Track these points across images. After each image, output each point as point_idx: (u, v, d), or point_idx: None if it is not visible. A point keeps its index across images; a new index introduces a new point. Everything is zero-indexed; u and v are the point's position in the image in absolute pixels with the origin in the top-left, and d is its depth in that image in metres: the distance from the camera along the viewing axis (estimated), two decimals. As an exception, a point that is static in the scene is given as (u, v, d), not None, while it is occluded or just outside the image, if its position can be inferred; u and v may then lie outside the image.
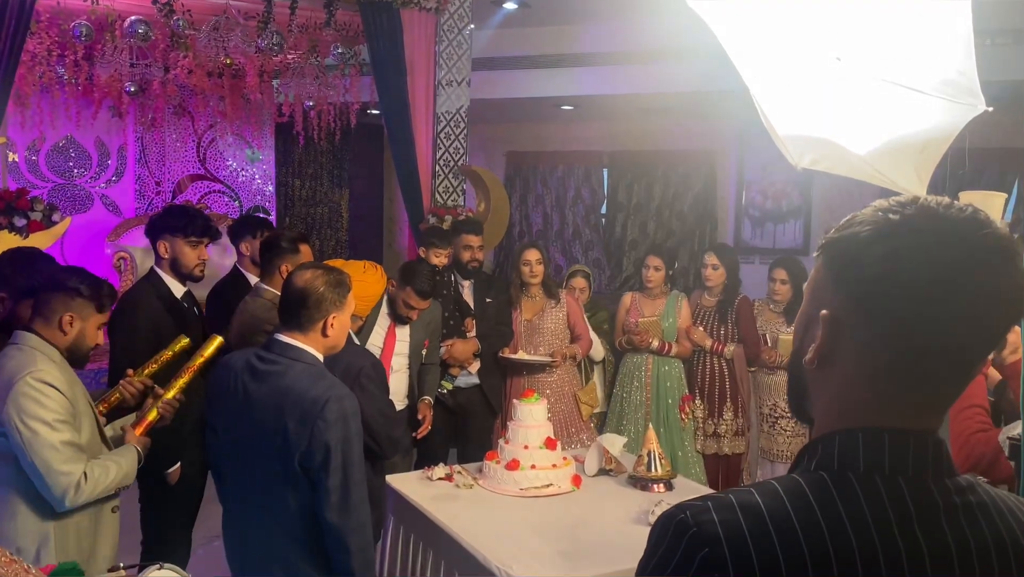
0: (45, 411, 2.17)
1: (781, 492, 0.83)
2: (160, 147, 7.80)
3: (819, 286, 0.90)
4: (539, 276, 4.24)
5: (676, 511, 0.84)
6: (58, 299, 2.32)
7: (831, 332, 0.86)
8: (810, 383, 0.91)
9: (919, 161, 1.84)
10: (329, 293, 2.21)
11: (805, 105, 1.88)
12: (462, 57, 6.42)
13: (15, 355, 2.25)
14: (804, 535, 0.79)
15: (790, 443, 4.31)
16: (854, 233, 0.86)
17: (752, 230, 9.33)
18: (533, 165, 9.82)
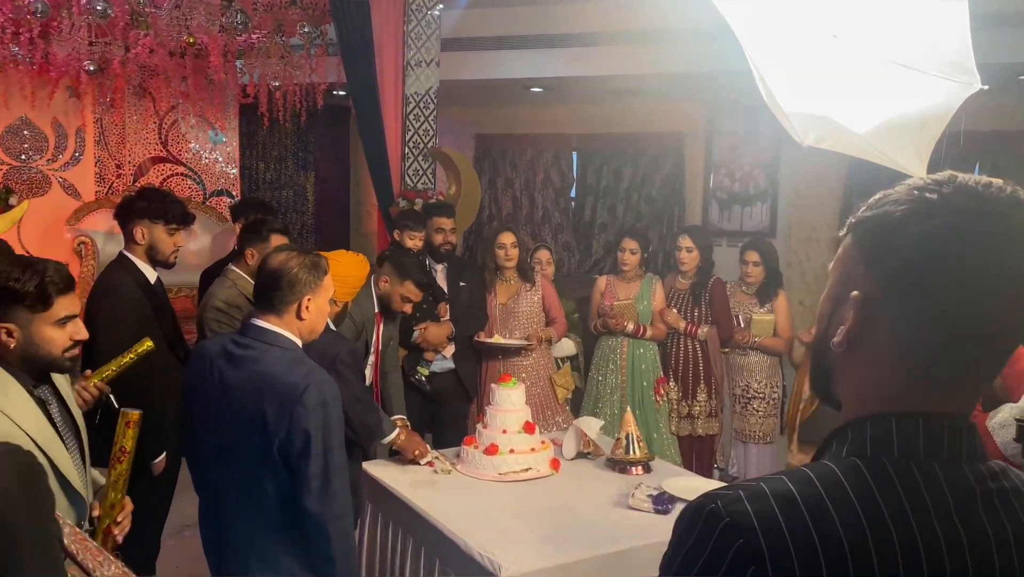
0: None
1: (815, 479, 0.80)
2: (120, 129, 7.59)
3: (849, 266, 0.88)
4: (514, 260, 4.22)
5: (705, 501, 0.81)
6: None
7: (863, 313, 0.84)
8: (837, 366, 0.89)
9: (918, 140, 1.84)
10: (303, 274, 2.15)
11: (807, 83, 1.87)
12: (431, 37, 6.33)
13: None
14: (841, 523, 0.77)
15: (762, 423, 4.35)
16: (888, 212, 0.84)
17: (720, 213, 9.38)
18: (502, 148, 9.76)
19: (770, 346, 4.31)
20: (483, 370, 4.27)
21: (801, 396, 4.22)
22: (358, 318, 3.28)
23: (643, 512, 2.79)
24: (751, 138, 9.20)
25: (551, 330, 4.25)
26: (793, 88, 1.84)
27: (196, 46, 5.96)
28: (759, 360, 4.34)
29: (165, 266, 3.16)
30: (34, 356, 1.86)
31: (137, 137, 7.69)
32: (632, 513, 2.80)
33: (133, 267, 3.11)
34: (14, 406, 1.79)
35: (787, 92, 1.82)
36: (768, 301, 4.34)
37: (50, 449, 1.81)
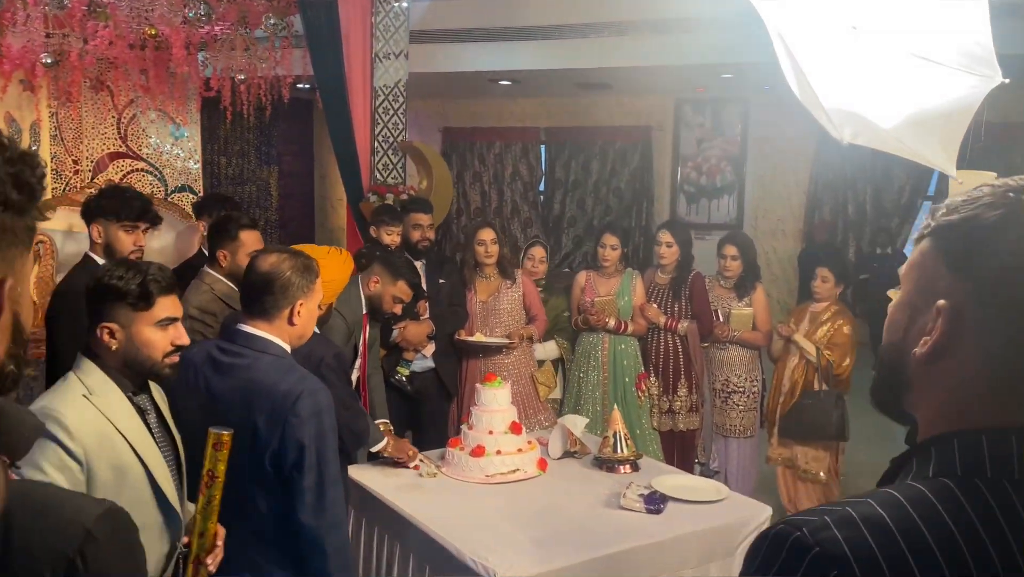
0: None
1: (905, 503, 0.76)
2: (77, 124, 7.34)
3: (929, 274, 0.83)
4: (494, 256, 4.15)
5: (788, 529, 0.76)
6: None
7: (952, 325, 0.80)
8: (917, 378, 0.84)
9: (944, 135, 1.82)
10: (296, 278, 2.06)
11: (837, 77, 1.83)
12: (399, 29, 6.23)
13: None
14: (940, 550, 0.72)
15: (743, 417, 4.35)
16: (978, 216, 0.79)
17: (687, 205, 9.43)
18: (469, 141, 9.69)
19: (749, 340, 4.31)
20: (464, 369, 4.21)
21: (781, 389, 4.23)
22: (350, 320, 3.19)
23: (635, 512, 2.76)
24: (718, 131, 9.25)
25: (532, 328, 4.20)
26: (828, 83, 1.80)
27: (157, 38, 5.79)
28: (738, 354, 4.33)
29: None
30: (135, 360, 1.83)
31: (95, 132, 7.44)
32: (624, 513, 2.76)
33: (96, 268, 2.99)
34: (113, 409, 1.78)
35: (825, 87, 1.78)
36: (746, 295, 4.33)
37: (146, 456, 1.78)
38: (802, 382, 4.12)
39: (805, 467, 4.17)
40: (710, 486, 3.02)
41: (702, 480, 3.15)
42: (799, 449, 4.17)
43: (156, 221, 3.13)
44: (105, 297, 1.82)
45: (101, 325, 1.81)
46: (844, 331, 4.06)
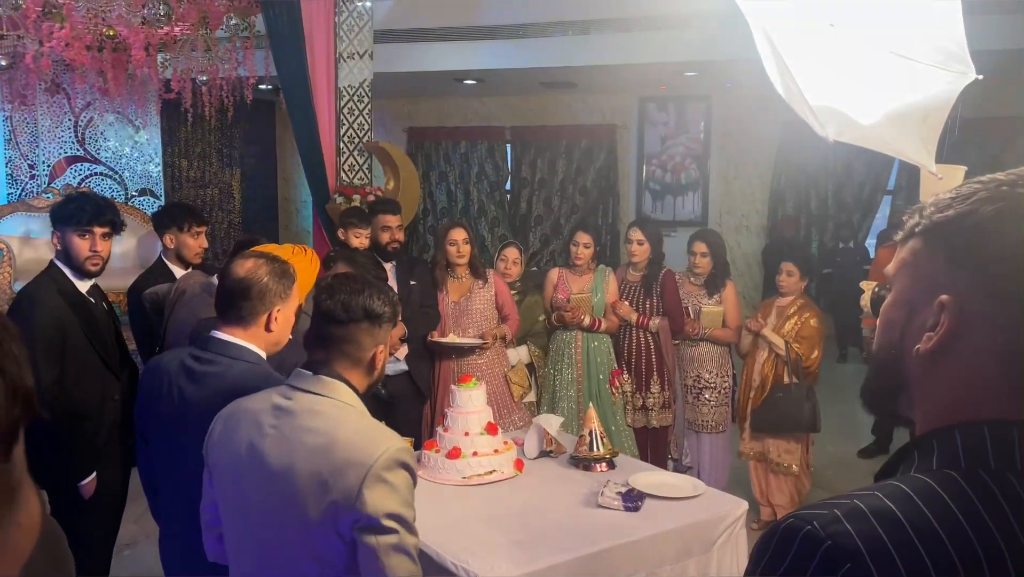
0: None
1: (913, 495, 0.77)
2: (32, 127, 7.19)
3: (924, 270, 0.85)
4: (466, 256, 4.13)
5: (799, 523, 0.76)
6: None
7: (957, 319, 0.81)
8: (915, 375, 0.86)
9: (923, 131, 1.85)
10: (273, 284, 2.03)
11: (818, 74, 1.85)
12: (363, 29, 6.18)
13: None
14: (950, 541, 0.73)
15: (714, 413, 4.39)
16: (975, 211, 0.81)
17: (653, 203, 9.49)
18: (435, 141, 9.65)
19: (720, 337, 4.35)
20: (436, 370, 4.19)
21: (752, 384, 4.27)
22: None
23: (613, 510, 2.77)
24: (681, 129, 9.33)
25: (505, 328, 4.19)
26: (811, 80, 1.81)
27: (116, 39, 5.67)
28: (709, 350, 4.37)
29: (86, 274, 2.96)
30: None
31: (51, 136, 7.30)
32: (602, 512, 2.77)
33: (61, 276, 2.93)
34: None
35: (809, 85, 1.79)
36: (716, 292, 4.37)
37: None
38: (772, 376, 4.17)
39: (777, 460, 4.22)
40: (686, 482, 3.03)
41: (678, 476, 3.16)
42: (771, 442, 4.22)
43: (115, 226, 3.03)
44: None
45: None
46: (811, 324, 4.12)
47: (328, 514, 1.57)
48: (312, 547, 1.60)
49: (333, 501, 1.56)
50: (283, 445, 1.65)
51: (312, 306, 1.82)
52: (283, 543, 1.64)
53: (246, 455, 1.70)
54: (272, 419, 1.69)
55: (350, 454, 1.59)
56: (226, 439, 1.75)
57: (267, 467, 1.65)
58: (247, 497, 1.69)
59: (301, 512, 1.59)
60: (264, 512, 1.66)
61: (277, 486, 1.63)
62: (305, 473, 1.60)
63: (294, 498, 1.60)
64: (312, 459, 1.60)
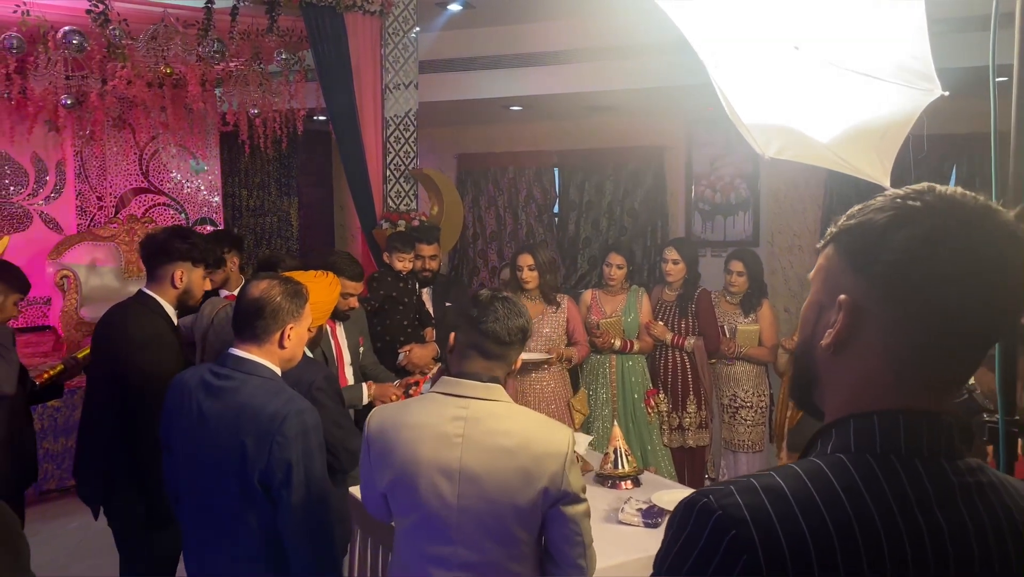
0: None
1: (802, 474, 0.84)
2: (100, 161, 7.58)
3: (832, 273, 0.92)
4: (532, 282, 4.14)
5: (698, 496, 0.85)
6: None
7: (851, 317, 0.88)
8: (822, 370, 0.93)
9: (880, 148, 1.86)
10: (286, 303, 2.15)
11: (767, 93, 1.89)
12: (408, 60, 6.37)
13: None
14: (829, 514, 0.80)
15: (751, 432, 4.36)
16: (872, 219, 0.88)
17: (703, 223, 9.43)
18: (483, 167, 9.80)
19: (755, 355, 4.33)
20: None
21: (788, 404, 4.23)
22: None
23: (633, 526, 2.79)
24: (730, 149, 9.27)
25: (572, 349, 4.19)
26: (752, 99, 1.86)
27: (174, 76, 5.98)
28: (745, 369, 4.35)
29: (189, 310, 3.10)
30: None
31: (118, 169, 7.67)
32: (622, 528, 2.79)
33: (160, 309, 2.93)
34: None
35: (746, 103, 1.84)
36: (752, 311, 4.35)
37: None
38: (808, 396, 4.12)
39: (815, 481, 4.15)
40: (709, 500, 3.03)
41: (702, 494, 3.16)
42: (808, 463, 4.16)
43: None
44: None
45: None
46: (849, 344, 4.06)
47: (537, 498, 1.83)
48: (523, 525, 1.86)
49: (544, 488, 1.83)
50: (478, 450, 1.86)
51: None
52: (499, 530, 1.85)
53: (440, 469, 1.85)
54: (458, 429, 1.86)
55: (546, 447, 1.85)
56: (408, 456, 1.87)
57: (470, 473, 1.85)
58: (451, 505, 1.85)
59: (512, 503, 1.83)
60: (477, 511, 1.84)
61: (483, 486, 1.83)
62: (510, 470, 1.83)
63: (504, 493, 1.83)
64: (514, 456, 1.83)
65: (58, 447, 4.92)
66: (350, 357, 3.72)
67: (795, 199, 9.18)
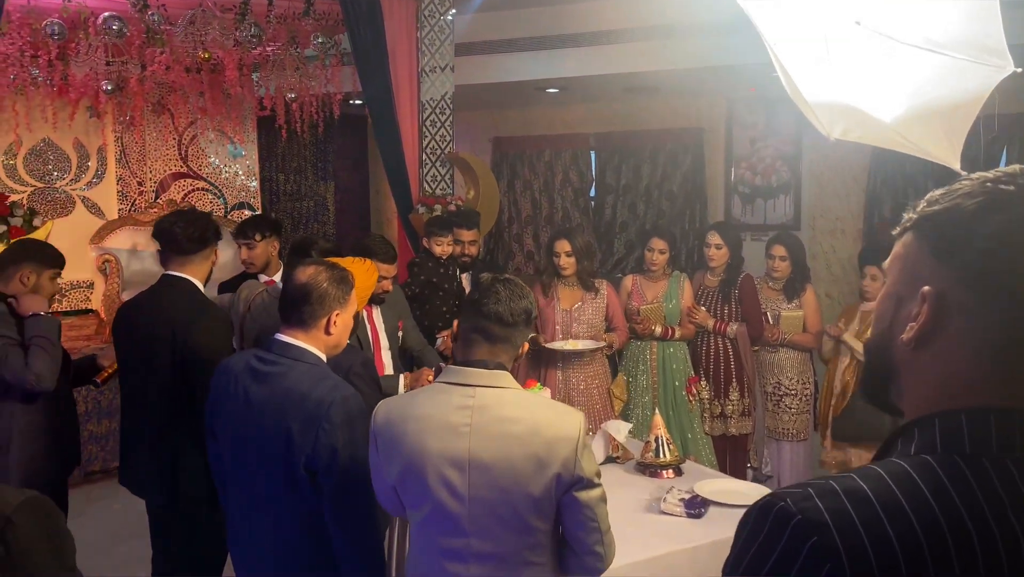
0: None
1: (886, 476, 0.79)
2: (140, 146, 7.65)
3: (912, 263, 0.87)
4: (569, 269, 4.06)
5: (773, 500, 0.80)
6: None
7: (936, 309, 0.83)
8: (902, 365, 0.88)
9: (949, 128, 1.77)
10: (332, 289, 2.13)
11: (829, 70, 1.80)
12: (444, 43, 6.32)
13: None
14: (917, 519, 0.75)
15: (795, 420, 4.28)
16: (959, 205, 0.83)
17: (742, 207, 9.28)
18: (519, 150, 9.73)
19: (799, 342, 4.24)
20: (542, 378, 4.14)
21: (833, 391, 4.14)
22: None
23: (676, 517, 2.75)
24: (771, 130, 9.10)
25: (614, 335, 4.13)
26: (817, 79, 1.77)
27: (212, 61, 5.99)
28: (789, 356, 4.26)
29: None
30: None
31: (157, 154, 7.74)
32: (664, 518, 2.75)
33: (198, 289, 2.96)
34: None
35: (811, 83, 1.76)
36: (796, 296, 4.26)
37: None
38: (854, 383, 4.03)
39: (860, 470, 4.07)
40: (754, 490, 2.97)
41: (747, 484, 3.11)
42: (853, 452, 4.08)
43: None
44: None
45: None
46: (896, 330, 3.95)
47: (551, 485, 1.79)
48: (538, 513, 1.82)
49: (556, 474, 1.79)
50: (487, 438, 1.81)
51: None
52: (513, 520, 1.82)
53: (448, 460, 1.81)
54: (464, 418, 1.82)
55: (557, 432, 1.81)
56: (415, 448, 1.84)
57: (480, 462, 1.80)
58: (462, 496, 1.82)
59: (524, 491, 1.79)
60: (489, 501, 1.81)
61: (494, 476, 1.79)
62: (521, 458, 1.79)
63: (516, 481, 1.79)
64: (524, 443, 1.79)
65: (101, 429, 4.99)
66: (387, 341, 3.70)
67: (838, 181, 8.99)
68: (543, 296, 4.12)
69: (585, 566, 1.90)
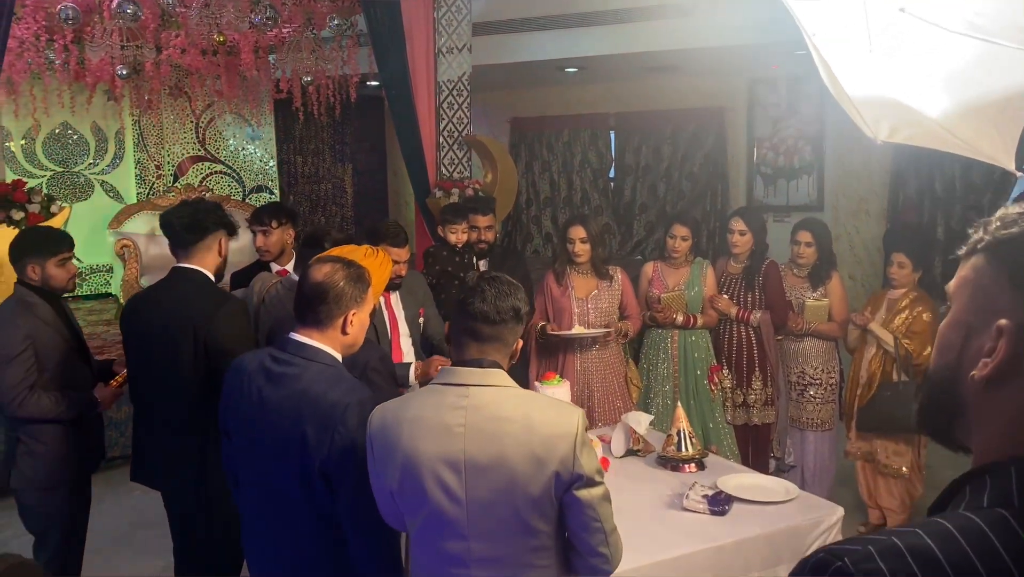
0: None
1: (956, 534, 0.71)
2: (158, 130, 7.64)
3: (984, 290, 0.79)
4: (583, 256, 3.98)
5: (828, 558, 0.72)
6: None
7: (1016, 345, 0.75)
8: (972, 403, 0.80)
9: (1001, 123, 1.67)
10: (349, 288, 2.08)
11: (874, 64, 1.69)
12: (462, 23, 6.23)
13: None
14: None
15: (820, 410, 4.20)
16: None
17: (764, 188, 9.15)
18: (538, 130, 9.63)
19: (824, 331, 4.15)
20: (561, 364, 4.09)
21: (859, 381, 4.05)
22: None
23: (699, 514, 2.69)
24: (794, 110, 8.93)
25: (628, 323, 4.05)
26: (861, 73, 1.68)
27: (227, 44, 5.94)
28: (814, 345, 4.17)
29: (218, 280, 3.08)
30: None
31: (175, 137, 7.73)
32: (687, 515, 2.70)
33: (209, 280, 2.92)
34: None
35: (855, 78, 1.66)
36: (821, 284, 4.16)
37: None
38: (880, 373, 3.94)
39: (886, 462, 3.99)
40: (779, 486, 2.91)
41: (771, 479, 3.04)
42: (879, 443, 4.00)
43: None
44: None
45: None
46: (923, 318, 3.86)
47: (550, 484, 1.74)
48: (539, 514, 1.77)
49: (555, 472, 1.74)
50: (482, 438, 1.77)
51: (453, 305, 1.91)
52: (513, 522, 1.77)
53: (444, 462, 1.78)
54: (459, 419, 1.78)
55: (554, 428, 1.76)
56: (410, 451, 1.80)
57: (476, 463, 1.76)
58: (459, 499, 1.78)
59: (523, 491, 1.74)
60: (487, 503, 1.77)
61: (491, 477, 1.75)
62: (518, 457, 1.74)
63: (514, 481, 1.74)
64: (520, 442, 1.74)
65: (121, 415, 5.00)
66: (407, 328, 3.65)
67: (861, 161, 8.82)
68: (557, 285, 4.07)
69: (591, 567, 1.85)
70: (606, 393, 4.06)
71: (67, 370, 3.09)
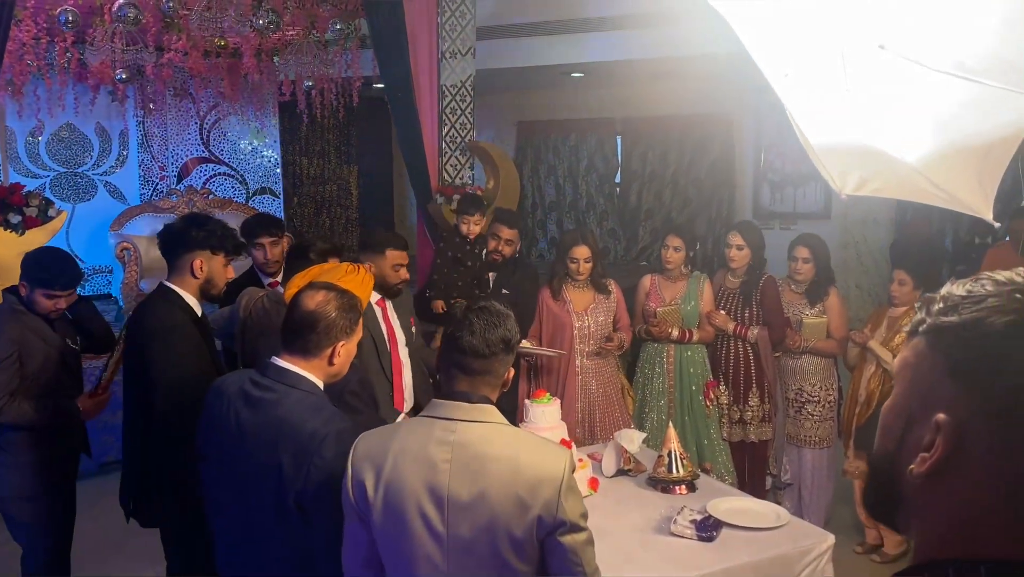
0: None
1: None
2: (162, 131, 7.63)
3: (924, 377, 0.75)
4: (586, 274, 3.99)
5: None
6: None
7: (953, 442, 0.71)
8: (911, 495, 0.76)
9: (983, 169, 1.59)
10: (341, 320, 2.04)
11: (848, 106, 1.63)
12: (466, 27, 6.18)
13: None
14: None
15: (818, 428, 4.15)
16: (983, 320, 0.70)
17: (771, 195, 9.07)
18: (544, 135, 9.58)
19: (823, 349, 4.09)
20: (559, 380, 4.07)
21: (857, 399, 4.00)
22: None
23: (686, 539, 2.65)
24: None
25: (622, 334, 4.05)
26: (832, 118, 1.62)
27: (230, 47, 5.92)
28: (812, 362, 4.12)
29: (212, 300, 3.02)
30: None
31: (179, 138, 7.72)
32: (674, 541, 2.66)
33: (180, 300, 2.83)
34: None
35: (824, 124, 1.60)
36: (819, 301, 4.10)
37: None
38: (879, 391, 3.88)
39: (884, 482, 3.93)
40: (769, 511, 2.87)
41: (762, 503, 2.99)
42: (877, 463, 3.94)
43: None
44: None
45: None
46: (925, 338, 3.79)
47: (531, 527, 1.72)
48: (519, 555, 1.75)
49: (537, 516, 1.72)
50: (467, 476, 1.74)
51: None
52: (493, 561, 1.75)
53: (427, 496, 1.75)
54: (444, 454, 1.75)
55: (539, 472, 1.74)
56: (396, 484, 1.76)
57: (458, 500, 1.73)
58: (439, 534, 1.75)
59: (505, 531, 1.72)
60: (468, 541, 1.74)
61: (473, 515, 1.73)
62: (501, 497, 1.72)
63: (496, 521, 1.72)
64: (505, 483, 1.72)
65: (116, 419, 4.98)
66: (404, 337, 3.63)
67: (870, 170, 8.72)
68: (554, 300, 4.04)
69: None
70: (607, 406, 4.04)
71: (52, 379, 3.08)
